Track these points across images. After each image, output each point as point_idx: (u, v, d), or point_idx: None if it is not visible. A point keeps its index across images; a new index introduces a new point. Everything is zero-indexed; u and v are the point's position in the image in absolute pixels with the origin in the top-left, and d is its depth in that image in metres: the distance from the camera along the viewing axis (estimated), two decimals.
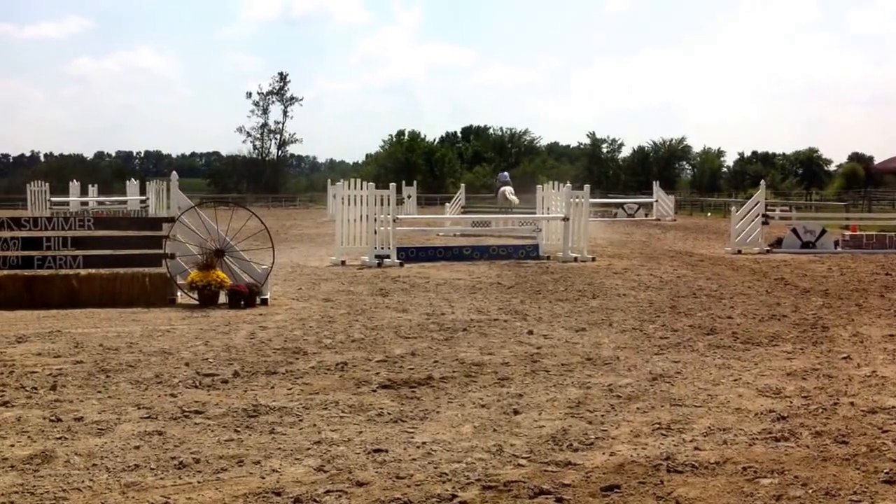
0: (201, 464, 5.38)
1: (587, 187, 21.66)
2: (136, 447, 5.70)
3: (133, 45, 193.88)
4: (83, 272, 12.76)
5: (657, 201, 44.71)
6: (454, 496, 4.85)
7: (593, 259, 19.94)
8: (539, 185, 25.04)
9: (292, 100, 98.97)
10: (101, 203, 45.83)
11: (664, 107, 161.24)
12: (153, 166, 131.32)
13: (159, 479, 5.12)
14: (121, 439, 5.88)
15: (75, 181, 47.20)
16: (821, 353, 9.07)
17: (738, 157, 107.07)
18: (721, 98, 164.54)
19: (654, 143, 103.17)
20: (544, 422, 6.36)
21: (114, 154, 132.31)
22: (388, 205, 19.21)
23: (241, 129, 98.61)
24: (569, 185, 21.78)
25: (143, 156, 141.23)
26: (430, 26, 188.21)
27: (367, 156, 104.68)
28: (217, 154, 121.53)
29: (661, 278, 16.13)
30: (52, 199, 42.50)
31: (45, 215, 20.49)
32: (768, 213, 24.11)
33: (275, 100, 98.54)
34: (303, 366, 8.29)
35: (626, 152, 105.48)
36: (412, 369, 8.16)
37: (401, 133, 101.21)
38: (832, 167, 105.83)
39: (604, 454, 5.59)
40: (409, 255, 19.40)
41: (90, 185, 48.10)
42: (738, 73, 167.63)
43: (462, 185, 40.78)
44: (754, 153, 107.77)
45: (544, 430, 6.12)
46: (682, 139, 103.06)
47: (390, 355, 8.80)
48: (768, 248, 22.55)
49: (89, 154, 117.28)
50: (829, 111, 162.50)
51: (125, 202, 43.97)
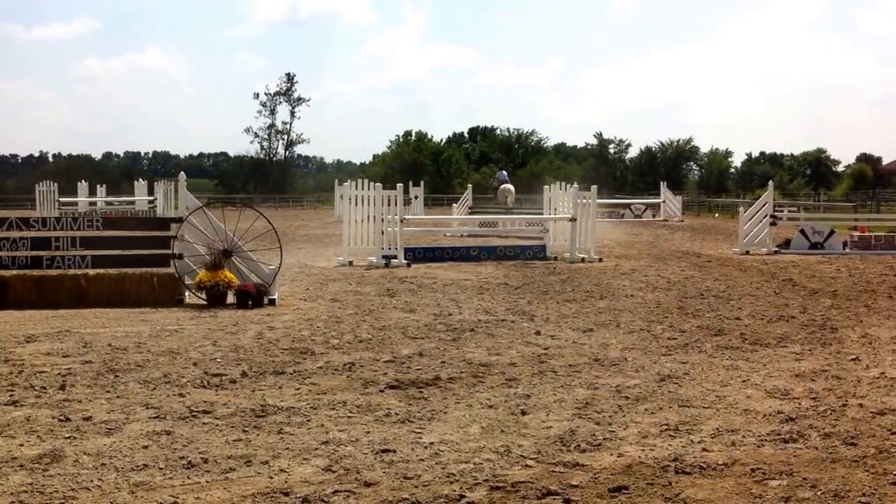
0: (210, 463, 5.39)
1: (594, 188, 21.66)
2: (145, 447, 5.72)
3: (141, 45, 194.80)
4: (92, 272, 12.80)
5: (664, 202, 44.65)
6: (462, 496, 4.85)
7: (600, 260, 19.93)
8: (546, 186, 25.03)
9: (299, 100, 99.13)
10: (109, 203, 45.95)
11: (671, 107, 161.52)
12: (161, 167, 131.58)
13: (168, 478, 5.13)
14: (129, 439, 5.89)
15: (83, 181, 47.32)
16: (829, 354, 9.05)
17: (745, 157, 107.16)
18: (729, 98, 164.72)
19: (662, 143, 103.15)
20: (552, 422, 6.35)
21: (122, 154, 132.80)
22: (396, 205, 19.23)
23: (248, 130, 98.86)
24: (576, 185, 21.77)
25: (150, 156, 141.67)
26: (437, 27, 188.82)
27: (374, 156, 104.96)
28: (225, 155, 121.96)
29: (669, 279, 16.11)
30: (61, 199, 42.62)
31: (54, 215, 20.50)
32: (776, 213, 24.06)
33: (282, 100, 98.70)
34: (310, 366, 8.30)
35: (633, 153, 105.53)
36: (420, 370, 8.16)
37: (408, 133, 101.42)
38: (840, 168, 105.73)
39: (612, 455, 5.58)
40: (416, 255, 19.41)
41: (98, 186, 48.24)
42: (746, 73, 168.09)
43: (469, 186, 40.66)
44: (762, 154, 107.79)
45: (552, 431, 6.12)
46: (689, 139, 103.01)
47: (398, 356, 8.81)
48: (776, 249, 22.51)
49: (97, 154, 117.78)
50: (838, 112, 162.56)
51: (133, 202, 44.13)
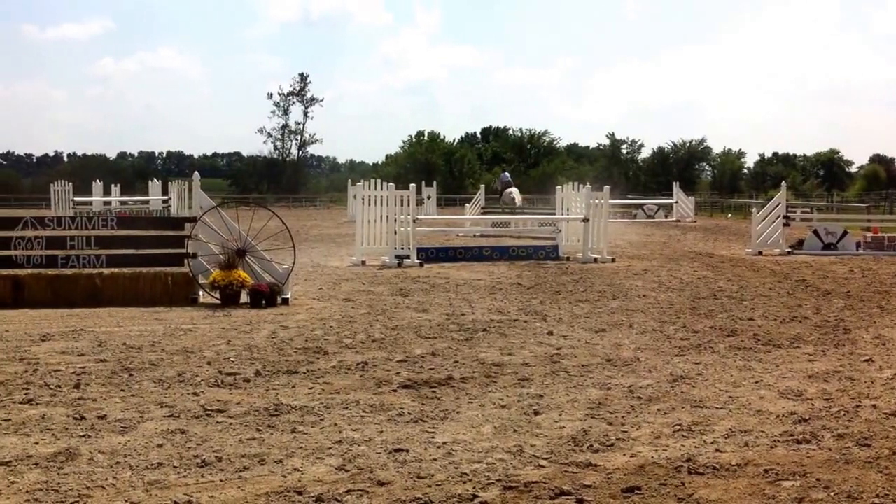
0: (223, 462, 5.41)
1: (607, 188, 21.63)
2: (159, 445, 5.74)
3: (155, 45, 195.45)
4: (106, 271, 12.85)
5: (677, 202, 44.60)
6: (475, 496, 4.86)
7: (613, 260, 19.91)
8: (559, 186, 25.02)
9: (313, 101, 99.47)
10: (123, 203, 46.11)
11: (684, 107, 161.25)
12: (175, 166, 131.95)
13: (182, 477, 5.15)
14: (144, 437, 5.92)
15: (98, 181, 47.49)
16: (843, 355, 9.03)
17: (758, 158, 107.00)
18: (741, 99, 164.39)
19: (674, 143, 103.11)
20: (565, 422, 6.36)
21: (136, 154, 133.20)
22: (408, 205, 19.25)
23: (262, 130, 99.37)
24: (588, 186, 21.75)
25: (165, 156, 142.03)
26: (449, 28, 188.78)
27: (386, 156, 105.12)
28: (238, 155, 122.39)
29: (682, 279, 16.09)
30: (76, 198, 42.75)
31: (69, 215, 20.59)
32: (789, 214, 23.99)
33: (295, 101, 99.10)
34: (324, 365, 8.32)
35: (645, 153, 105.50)
36: (432, 369, 8.17)
37: (420, 134, 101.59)
38: (853, 169, 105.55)
39: (624, 455, 5.58)
40: (428, 255, 19.43)
41: (113, 185, 48.39)
42: (759, 73, 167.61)
43: (482, 186, 40.68)
44: (775, 154, 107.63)
45: (565, 431, 6.12)
46: (702, 140, 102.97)
47: (411, 355, 8.82)
48: (789, 250, 22.44)
49: (112, 154, 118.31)
50: (851, 112, 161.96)
51: (148, 202, 44.23)
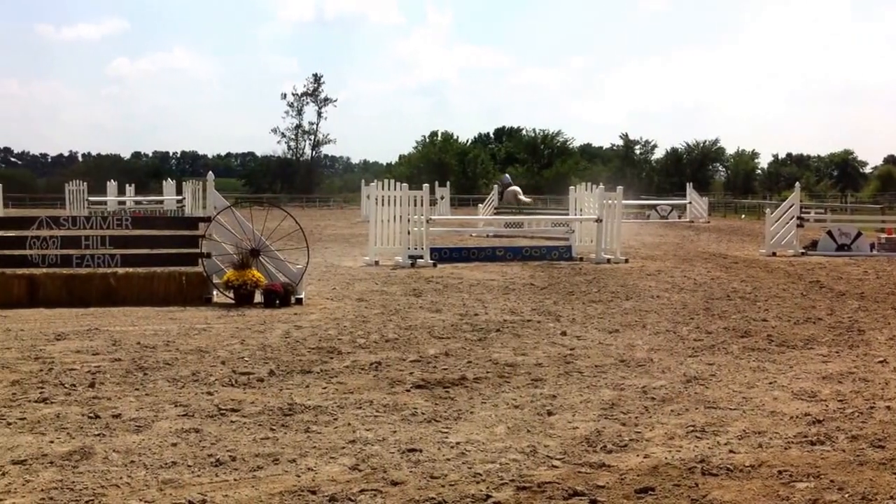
0: (237, 461, 5.43)
1: (620, 189, 21.57)
2: (174, 444, 5.76)
3: (169, 46, 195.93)
4: (121, 271, 12.90)
5: (690, 203, 44.50)
6: (488, 496, 4.86)
7: (626, 261, 19.88)
8: (572, 187, 24.99)
9: (326, 101, 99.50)
10: (138, 203, 46.22)
11: (698, 108, 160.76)
12: (189, 166, 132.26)
13: (196, 476, 5.17)
14: (158, 436, 5.94)
15: (113, 181, 47.62)
16: (857, 356, 9.00)
17: (772, 158, 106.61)
18: (755, 99, 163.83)
19: (688, 144, 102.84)
20: (578, 423, 6.36)
21: (150, 154, 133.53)
22: (422, 205, 19.26)
23: (275, 130, 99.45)
24: (602, 186, 21.73)
25: (179, 156, 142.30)
26: (462, 28, 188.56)
27: (400, 156, 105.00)
28: (252, 155, 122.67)
29: (695, 280, 16.05)
30: (90, 198, 42.84)
31: (84, 214, 20.67)
32: (803, 215, 23.91)
33: (309, 101, 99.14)
34: (337, 365, 8.34)
35: (659, 154, 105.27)
36: (446, 369, 8.18)
37: (434, 134, 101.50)
38: (867, 169, 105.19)
39: (638, 456, 5.58)
40: (442, 255, 19.43)
41: (127, 185, 48.54)
42: (773, 74, 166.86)
43: (495, 187, 40.70)
44: (789, 155, 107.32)
45: (578, 432, 6.12)
46: (715, 141, 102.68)
47: (424, 355, 8.83)
48: (803, 251, 22.38)
49: (126, 154, 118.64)
50: (865, 113, 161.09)
51: (162, 202, 44.31)
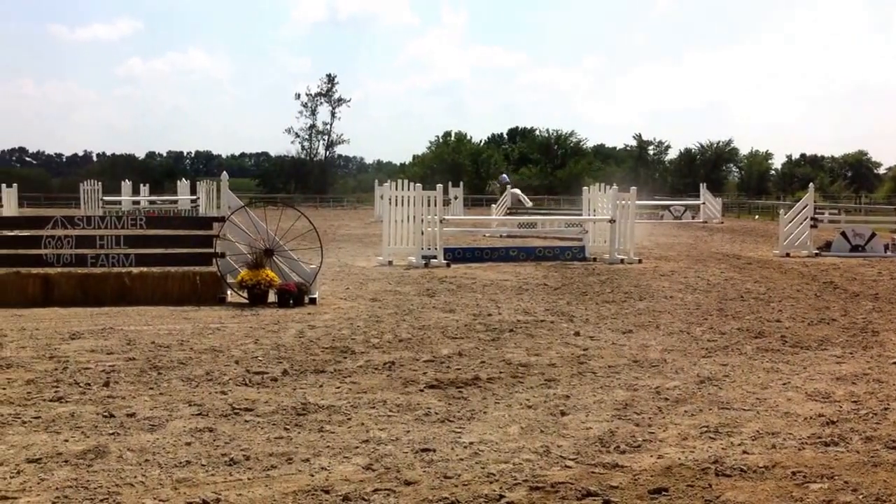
0: (251, 461, 5.44)
1: (633, 189, 21.56)
2: (188, 443, 5.78)
3: (183, 46, 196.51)
4: (135, 270, 12.94)
5: (704, 203, 44.41)
6: (501, 496, 4.86)
7: (640, 261, 19.86)
8: (585, 187, 24.97)
9: (340, 101, 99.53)
10: (152, 202, 46.36)
11: (711, 109, 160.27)
12: (203, 166, 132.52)
13: (210, 475, 5.19)
14: (172, 435, 5.96)
15: (127, 181, 47.79)
16: (871, 357, 8.97)
17: (786, 159, 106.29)
18: (769, 100, 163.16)
19: (701, 145, 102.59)
20: (591, 423, 6.36)
21: (165, 154, 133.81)
22: (435, 205, 19.27)
23: (289, 130, 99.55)
24: (615, 186, 21.70)
25: (193, 156, 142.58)
26: (476, 28, 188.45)
27: (413, 157, 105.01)
28: (266, 155, 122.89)
29: (709, 281, 16.02)
30: (105, 198, 42.99)
31: (98, 214, 20.76)
32: (817, 216, 23.84)
33: (323, 101, 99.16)
34: (351, 365, 8.35)
35: (672, 154, 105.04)
36: (459, 369, 8.18)
37: (447, 134, 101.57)
38: (882, 170, 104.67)
39: (651, 457, 5.58)
40: (455, 255, 19.43)
41: (142, 185, 48.71)
42: (787, 74, 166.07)
43: (507, 187, 40.69)
44: (802, 156, 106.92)
45: (591, 432, 6.12)
46: (729, 141, 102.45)
47: (437, 355, 8.84)
48: (817, 252, 22.32)
49: (141, 154, 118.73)
50: (879, 114, 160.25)
51: (176, 202, 44.48)
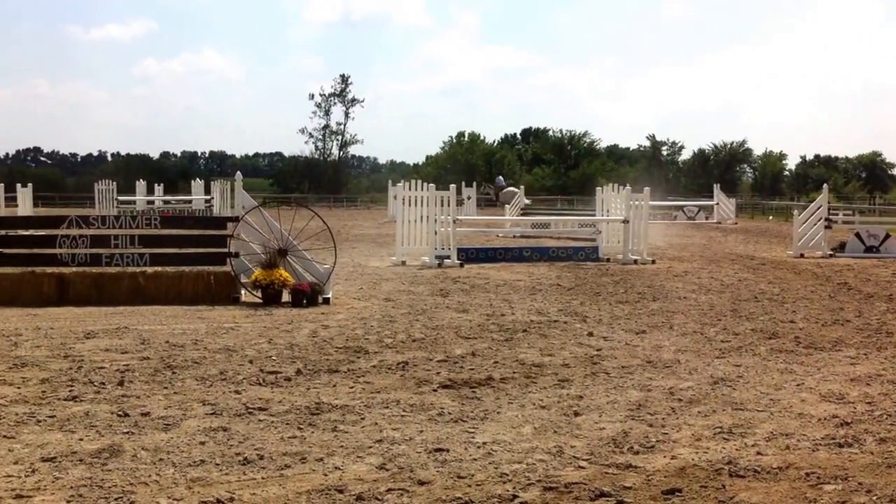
0: (265, 460, 5.46)
1: (647, 190, 21.53)
2: (202, 443, 5.80)
3: (197, 46, 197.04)
4: (150, 270, 12.99)
5: (718, 204, 44.28)
6: (515, 496, 4.86)
7: (653, 261, 19.82)
8: (599, 188, 24.96)
9: (353, 101, 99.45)
10: (166, 202, 46.49)
11: (725, 109, 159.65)
12: (217, 166, 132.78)
13: (224, 474, 5.20)
14: (186, 435, 5.98)
15: (141, 180, 47.96)
16: (885, 358, 8.94)
17: (800, 160, 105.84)
18: (783, 101, 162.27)
19: (715, 145, 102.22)
20: (605, 424, 6.35)
21: (179, 154, 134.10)
22: (449, 206, 19.29)
23: (303, 131, 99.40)
24: (629, 187, 21.68)
25: (207, 156, 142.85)
26: (489, 29, 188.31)
27: (427, 157, 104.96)
28: (280, 155, 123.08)
29: (722, 282, 15.99)
30: (119, 197, 43.08)
31: (113, 214, 20.83)
32: (831, 216, 23.75)
33: (336, 101, 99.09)
34: (364, 365, 8.36)
35: (686, 155, 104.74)
36: (472, 369, 8.19)
37: (461, 135, 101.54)
38: None
39: (665, 457, 5.57)
40: (469, 255, 19.43)
41: (156, 185, 48.85)
42: (800, 75, 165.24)
43: (521, 187, 40.69)
44: (817, 156, 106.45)
45: (605, 433, 6.11)
46: (742, 142, 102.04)
47: (451, 355, 8.84)
48: (831, 253, 22.25)
49: (155, 154, 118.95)
50: (894, 114, 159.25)
51: (190, 201, 44.60)
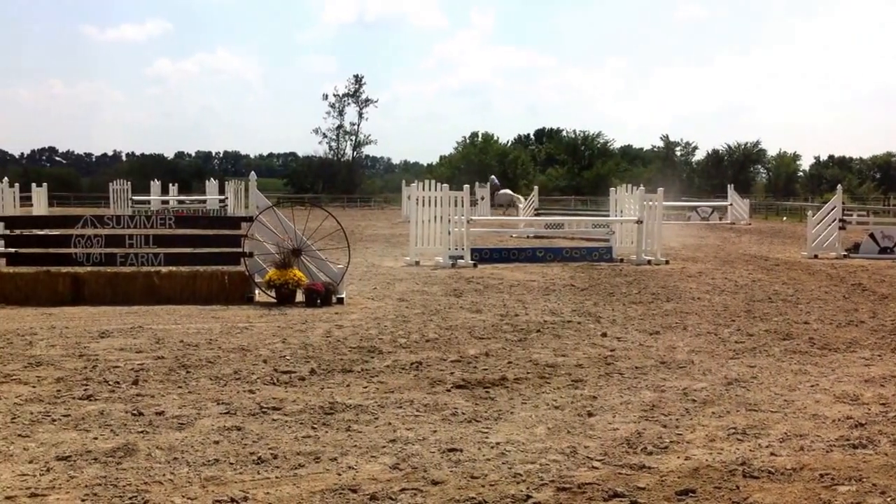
0: (279, 459, 5.47)
1: (661, 190, 21.49)
2: (216, 442, 5.82)
3: (212, 47, 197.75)
4: (164, 269, 13.04)
5: (731, 205, 44.16)
6: (528, 497, 4.87)
7: (667, 262, 19.79)
8: (613, 188, 24.92)
9: (367, 102, 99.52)
10: (181, 202, 46.60)
11: (739, 110, 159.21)
12: (231, 166, 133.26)
13: (238, 473, 5.22)
14: (201, 434, 6.00)
15: (156, 180, 48.09)
16: None
17: (814, 161, 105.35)
18: (797, 101, 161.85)
19: (729, 146, 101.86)
20: (618, 424, 6.35)
21: (193, 154, 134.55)
22: (462, 206, 19.30)
23: (317, 131, 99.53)
24: (642, 187, 21.64)
25: (221, 156, 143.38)
26: (504, 29, 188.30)
27: (440, 157, 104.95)
28: (294, 155, 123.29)
29: (736, 282, 15.95)
30: (134, 197, 43.25)
31: (128, 214, 20.92)
32: (845, 217, 23.68)
33: (350, 102, 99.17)
34: (378, 364, 8.37)
35: (700, 155, 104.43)
36: (486, 370, 8.19)
37: (474, 135, 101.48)
38: None
39: (679, 458, 5.56)
40: (482, 256, 19.43)
41: (170, 185, 48.97)
42: (814, 76, 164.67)
43: (535, 188, 40.68)
44: (831, 157, 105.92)
45: (618, 433, 6.11)
46: (756, 143, 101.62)
47: (464, 355, 8.85)
48: (845, 253, 22.17)
49: (170, 154, 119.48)
50: None
51: (205, 201, 44.69)
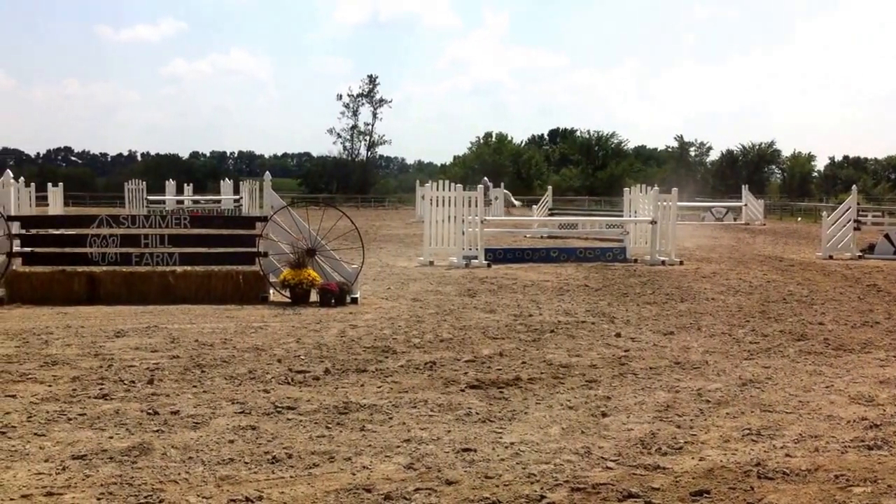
0: (293, 459, 5.49)
1: (675, 191, 21.44)
2: (231, 441, 5.84)
3: (226, 47, 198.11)
4: (179, 269, 13.08)
5: (746, 205, 44.05)
6: (542, 497, 4.87)
7: (681, 262, 19.75)
8: (627, 189, 24.89)
9: (381, 102, 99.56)
10: (196, 202, 46.69)
11: (753, 110, 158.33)
12: (246, 166, 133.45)
13: (253, 472, 5.24)
14: (216, 433, 6.02)
15: (171, 180, 48.20)
16: None
17: (828, 161, 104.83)
18: (811, 101, 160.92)
19: (743, 146, 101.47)
20: (632, 425, 6.35)
21: (208, 154, 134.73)
22: (476, 206, 19.30)
23: (331, 131, 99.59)
24: (656, 188, 21.61)
25: (236, 156, 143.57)
26: (517, 30, 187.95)
27: (454, 157, 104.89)
28: (308, 155, 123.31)
29: (751, 283, 15.91)
30: (149, 197, 43.33)
31: (143, 213, 21.00)
32: (860, 218, 23.59)
33: (364, 102, 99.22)
34: (392, 364, 8.39)
35: (714, 156, 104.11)
36: (500, 370, 8.20)
37: (488, 135, 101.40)
38: None
39: (693, 459, 5.56)
40: (496, 256, 19.44)
41: (185, 185, 49.07)
42: (829, 76, 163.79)
43: (549, 188, 40.65)
44: (846, 157, 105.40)
45: (633, 434, 6.11)
46: (771, 143, 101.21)
47: (478, 355, 8.85)
48: (860, 254, 22.09)
49: (184, 154, 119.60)
50: None
51: (219, 201, 44.77)
